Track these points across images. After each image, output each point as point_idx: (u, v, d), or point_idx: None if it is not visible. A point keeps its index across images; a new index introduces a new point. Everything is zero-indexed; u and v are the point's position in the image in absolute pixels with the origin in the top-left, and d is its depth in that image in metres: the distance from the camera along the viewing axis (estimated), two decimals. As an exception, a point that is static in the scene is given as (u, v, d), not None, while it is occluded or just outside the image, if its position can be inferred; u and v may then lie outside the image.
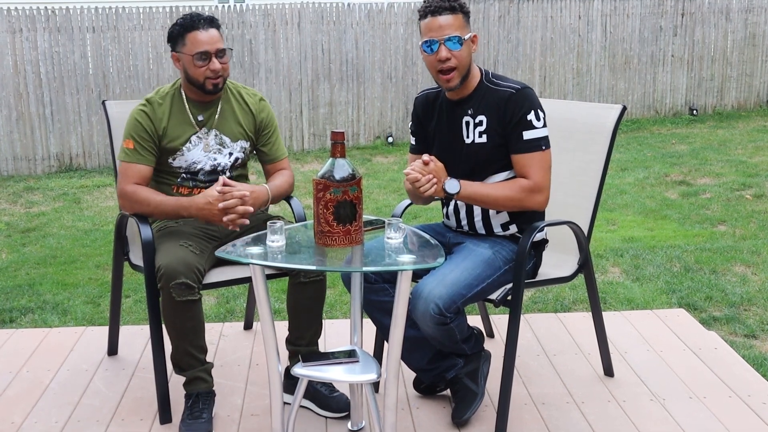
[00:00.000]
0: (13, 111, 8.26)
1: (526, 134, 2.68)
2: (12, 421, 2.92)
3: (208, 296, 4.35)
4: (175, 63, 2.96)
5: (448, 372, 2.90)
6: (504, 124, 2.70)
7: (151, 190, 2.92)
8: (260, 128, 3.11)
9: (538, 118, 2.69)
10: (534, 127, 2.68)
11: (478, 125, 2.74)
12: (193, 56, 2.88)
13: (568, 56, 9.95)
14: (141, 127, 2.93)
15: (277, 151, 3.16)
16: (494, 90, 2.73)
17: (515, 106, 2.67)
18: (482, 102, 2.74)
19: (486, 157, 2.75)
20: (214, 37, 2.90)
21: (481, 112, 2.74)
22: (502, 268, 2.74)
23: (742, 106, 10.67)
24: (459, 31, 2.65)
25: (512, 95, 2.68)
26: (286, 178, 3.11)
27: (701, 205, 6.21)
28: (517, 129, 2.68)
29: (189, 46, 2.89)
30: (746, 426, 2.80)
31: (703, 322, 3.82)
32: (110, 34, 8.42)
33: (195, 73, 2.90)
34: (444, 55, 2.64)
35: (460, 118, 2.78)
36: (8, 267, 5.13)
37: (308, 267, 2.38)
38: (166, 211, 2.88)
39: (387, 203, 6.67)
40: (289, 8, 8.92)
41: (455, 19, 2.65)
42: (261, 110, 3.11)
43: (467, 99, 2.77)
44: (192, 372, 2.83)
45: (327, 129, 9.24)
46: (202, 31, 2.89)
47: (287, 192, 3.11)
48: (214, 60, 2.89)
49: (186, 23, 2.90)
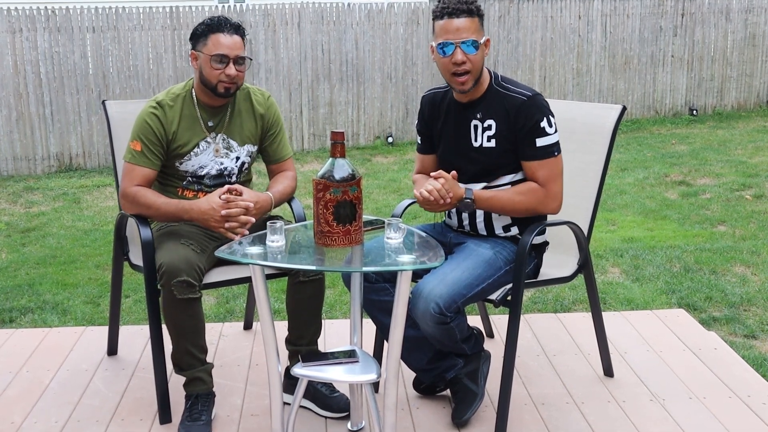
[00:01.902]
0: (13, 111, 8.26)
1: (539, 141, 2.67)
2: (12, 421, 2.92)
3: (208, 296, 4.35)
4: (192, 62, 2.95)
5: (447, 372, 2.90)
6: (515, 130, 2.68)
7: (153, 192, 2.91)
8: (267, 128, 3.11)
9: (551, 125, 2.69)
10: (547, 134, 2.67)
11: (486, 129, 2.73)
12: (211, 57, 2.87)
13: (568, 56, 9.95)
14: (150, 130, 2.92)
15: (282, 151, 3.15)
16: (504, 95, 2.71)
17: (528, 114, 2.65)
18: (492, 106, 2.72)
19: (495, 161, 2.74)
20: (237, 43, 2.89)
21: (490, 116, 2.72)
22: (502, 268, 2.74)
23: (742, 107, 10.67)
24: (475, 34, 2.62)
25: (524, 102, 2.67)
26: (289, 182, 3.09)
27: (701, 206, 6.21)
28: (529, 136, 2.67)
29: (210, 46, 2.88)
30: (746, 426, 2.80)
31: (703, 322, 3.82)
32: (110, 34, 8.42)
33: (210, 74, 2.89)
34: (459, 59, 2.61)
35: (468, 121, 2.77)
36: (8, 267, 5.13)
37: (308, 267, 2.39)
38: (168, 214, 2.87)
39: (387, 203, 6.67)
40: (289, 8, 8.92)
41: (472, 22, 2.62)
42: (268, 108, 3.10)
43: (476, 102, 2.75)
44: (192, 372, 2.83)
45: (327, 129, 9.24)
46: (226, 35, 2.88)
47: (290, 196, 3.10)
48: (231, 65, 2.87)
49: (212, 24, 2.90)
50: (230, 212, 2.76)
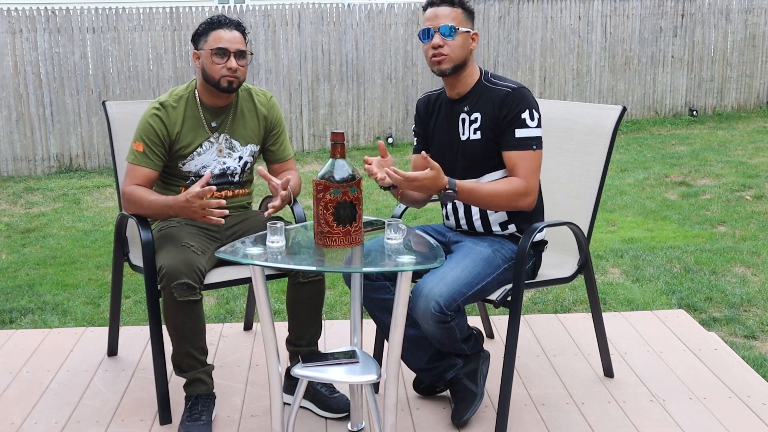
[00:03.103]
0: (13, 111, 8.26)
1: (518, 132, 2.70)
2: (12, 422, 2.92)
3: (208, 297, 4.35)
4: (195, 61, 2.97)
5: (447, 372, 2.90)
6: (498, 121, 2.72)
7: (146, 190, 2.91)
8: (269, 128, 3.12)
9: (533, 118, 2.71)
10: (527, 126, 2.70)
11: (473, 122, 2.78)
12: (212, 51, 2.89)
13: (568, 57, 9.95)
14: (153, 132, 2.93)
15: (284, 151, 3.16)
16: (491, 88, 2.77)
17: (510, 104, 2.70)
18: (479, 100, 2.78)
19: (480, 154, 2.77)
20: (237, 38, 2.93)
21: (477, 109, 2.77)
22: (501, 266, 2.74)
23: (742, 107, 10.67)
24: (454, 21, 2.72)
25: (508, 94, 2.72)
26: (296, 179, 3.07)
27: (701, 206, 6.21)
28: (510, 126, 2.71)
29: (210, 42, 2.91)
30: (746, 427, 2.80)
31: (703, 323, 3.82)
32: (110, 35, 8.43)
33: (212, 69, 2.91)
34: (436, 42, 2.71)
35: (457, 115, 2.82)
36: (8, 267, 5.13)
37: (308, 267, 2.38)
38: (159, 210, 2.85)
39: (387, 204, 6.67)
40: (289, 9, 8.93)
41: (452, 11, 2.73)
42: (271, 108, 3.12)
43: (465, 97, 2.81)
44: (192, 373, 2.83)
45: (327, 130, 9.24)
46: (226, 30, 2.92)
47: (298, 192, 3.08)
48: (232, 59, 2.90)
49: (213, 21, 2.95)
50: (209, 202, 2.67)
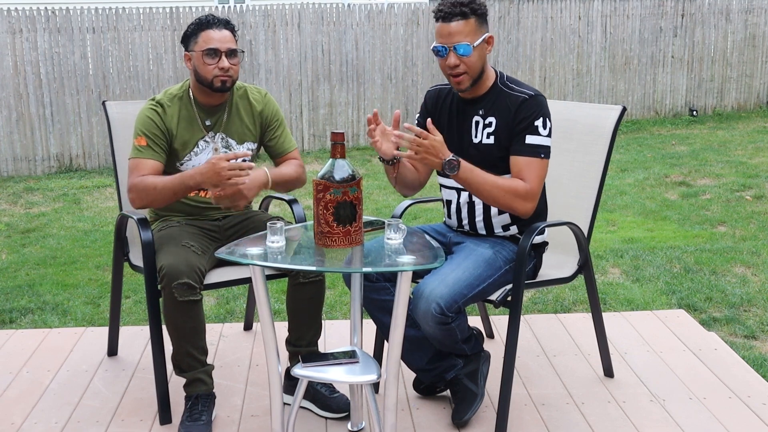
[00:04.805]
0: (13, 112, 8.26)
1: (529, 138, 2.68)
2: (12, 422, 2.92)
3: (208, 297, 4.35)
4: (186, 63, 2.97)
5: (447, 372, 2.90)
6: (512, 126, 2.70)
7: (155, 176, 2.87)
8: (266, 124, 3.11)
9: (545, 127, 2.69)
10: (538, 134, 2.68)
11: (487, 126, 2.75)
12: (203, 52, 2.89)
13: (568, 57, 9.95)
14: (153, 124, 2.92)
15: (285, 144, 3.13)
16: (508, 93, 2.74)
17: (526, 110, 2.68)
18: (494, 104, 2.75)
19: (492, 159, 2.75)
20: (226, 37, 2.92)
21: (492, 113, 2.74)
22: (502, 268, 2.74)
23: (742, 107, 10.67)
24: (469, 37, 2.64)
25: (525, 100, 2.69)
26: (293, 166, 3.06)
27: (701, 206, 6.21)
28: (522, 132, 2.68)
29: (201, 43, 2.91)
30: (746, 427, 2.80)
31: (703, 323, 3.82)
32: (110, 35, 8.43)
33: (204, 70, 2.90)
34: (452, 62, 2.65)
35: (471, 117, 2.79)
36: (8, 267, 5.13)
37: (308, 268, 2.39)
38: (174, 188, 2.81)
39: (387, 204, 6.67)
40: (289, 9, 8.93)
41: (466, 24, 2.64)
42: (266, 104, 3.11)
43: (480, 99, 2.78)
44: (192, 373, 2.83)
45: (327, 130, 9.24)
46: (215, 30, 2.91)
47: (292, 179, 3.03)
48: (224, 58, 2.89)
49: (201, 22, 2.94)
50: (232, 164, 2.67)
